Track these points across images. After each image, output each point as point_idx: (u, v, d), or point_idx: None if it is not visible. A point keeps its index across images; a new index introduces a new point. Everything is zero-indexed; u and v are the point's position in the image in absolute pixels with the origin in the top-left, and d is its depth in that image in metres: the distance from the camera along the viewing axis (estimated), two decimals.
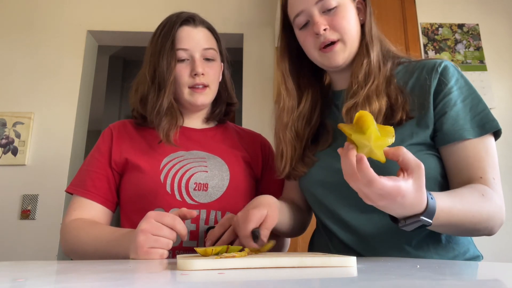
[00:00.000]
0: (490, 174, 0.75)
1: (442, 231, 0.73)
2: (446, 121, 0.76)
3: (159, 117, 0.93)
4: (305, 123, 0.92)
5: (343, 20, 0.83)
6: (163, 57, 0.93)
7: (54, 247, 2.22)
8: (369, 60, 0.83)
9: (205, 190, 0.91)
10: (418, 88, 0.81)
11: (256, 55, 2.63)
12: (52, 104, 2.45)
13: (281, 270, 0.46)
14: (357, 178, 0.57)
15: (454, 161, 0.77)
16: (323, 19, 0.83)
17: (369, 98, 0.80)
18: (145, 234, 0.69)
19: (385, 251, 0.79)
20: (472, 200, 0.70)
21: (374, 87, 0.81)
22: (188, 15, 0.99)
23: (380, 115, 0.79)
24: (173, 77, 0.93)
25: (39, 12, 2.61)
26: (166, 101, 0.93)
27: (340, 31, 0.83)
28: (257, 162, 1.03)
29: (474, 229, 0.71)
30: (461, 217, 0.67)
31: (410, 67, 0.86)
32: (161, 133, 0.93)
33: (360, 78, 0.83)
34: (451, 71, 0.81)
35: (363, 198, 0.60)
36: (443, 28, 2.52)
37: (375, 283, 0.36)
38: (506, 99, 2.42)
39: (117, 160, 0.93)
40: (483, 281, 0.42)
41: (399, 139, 0.78)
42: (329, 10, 0.83)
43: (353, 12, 0.85)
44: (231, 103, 1.09)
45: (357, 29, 0.86)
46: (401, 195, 0.57)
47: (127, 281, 0.40)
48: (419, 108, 0.79)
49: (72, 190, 0.93)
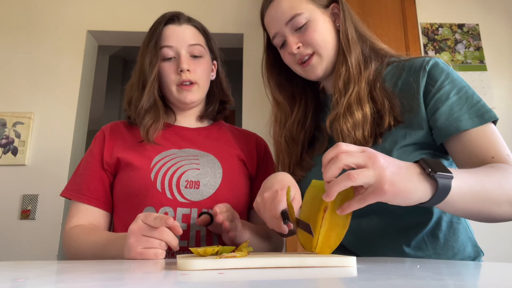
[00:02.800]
0: (503, 152, 0.70)
1: (467, 206, 0.62)
2: (439, 116, 0.75)
3: (140, 115, 0.94)
4: (300, 128, 0.93)
5: (314, 33, 0.84)
6: (147, 56, 0.94)
7: (54, 247, 2.22)
8: (347, 67, 0.83)
9: (197, 188, 0.90)
10: (407, 88, 0.80)
11: (256, 55, 2.61)
12: (52, 104, 2.45)
13: (281, 270, 0.46)
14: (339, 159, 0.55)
15: (461, 152, 0.74)
16: (296, 38, 0.85)
17: (350, 107, 0.80)
18: (135, 235, 0.68)
19: (384, 252, 0.79)
20: (481, 171, 0.65)
21: (354, 94, 0.81)
22: (172, 14, 0.99)
23: (366, 122, 0.79)
24: (155, 75, 0.93)
25: (39, 12, 2.61)
26: (147, 99, 0.93)
27: (313, 44, 0.85)
28: (252, 160, 1.03)
29: (498, 201, 0.63)
30: (476, 185, 0.61)
31: (399, 66, 0.85)
32: (141, 131, 0.93)
33: (340, 86, 0.83)
34: (440, 67, 0.80)
35: (361, 177, 0.54)
36: (443, 28, 2.52)
37: (375, 283, 0.36)
38: (506, 99, 2.42)
39: (108, 161, 0.93)
40: (483, 281, 0.42)
41: (392, 141, 0.78)
42: (300, 28, 0.85)
43: (325, 22, 0.86)
44: (225, 101, 1.09)
45: (331, 38, 0.86)
46: (375, 153, 0.56)
47: (126, 281, 0.40)
48: (410, 110, 0.78)
49: (68, 195, 0.93)
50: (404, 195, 0.55)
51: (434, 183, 0.56)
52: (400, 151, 0.76)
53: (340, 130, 0.80)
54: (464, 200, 0.61)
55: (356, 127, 0.79)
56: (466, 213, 0.65)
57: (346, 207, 0.57)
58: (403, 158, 0.76)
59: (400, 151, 0.76)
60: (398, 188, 0.54)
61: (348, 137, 0.79)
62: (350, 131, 0.79)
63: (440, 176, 0.56)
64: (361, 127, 0.79)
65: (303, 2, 0.85)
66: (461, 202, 0.61)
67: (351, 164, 0.55)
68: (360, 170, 0.54)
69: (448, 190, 0.57)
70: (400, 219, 0.78)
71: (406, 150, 0.76)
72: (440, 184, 0.56)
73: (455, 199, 0.59)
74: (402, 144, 0.76)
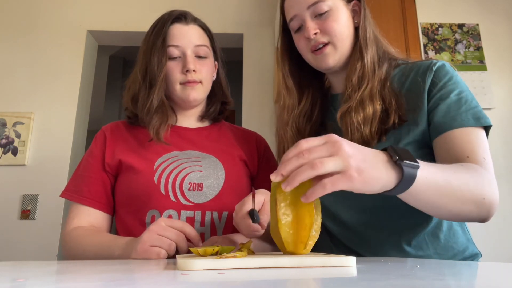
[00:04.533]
0: (480, 154, 0.71)
1: (430, 199, 0.61)
2: (437, 113, 0.76)
3: (149, 115, 0.93)
4: (306, 120, 0.93)
5: (334, 23, 0.84)
6: (154, 55, 0.93)
7: (54, 247, 2.22)
8: (363, 63, 0.84)
9: (200, 190, 0.90)
10: (413, 88, 0.82)
11: (256, 55, 2.63)
12: (52, 104, 2.45)
13: (281, 270, 0.46)
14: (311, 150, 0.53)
15: (442, 148, 0.75)
16: (314, 24, 0.85)
17: (362, 102, 0.81)
18: (150, 232, 0.70)
19: (385, 251, 0.79)
20: (450, 167, 0.65)
21: (368, 90, 0.81)
22: (180, 13, 0.98)
23: (375, 119, 0.79)
24: (164, 74, 0.93)
25: (39, 12, 2.61)
26: (156, 99, 0.92)
27: (330, 34, 0.84)
28: (252, 160, 1.03)
29: (462, 199, 0.63)
30: (441, 180, 0.60)
31: (407, 69, 0.86)
32: (151, 131, 0.92)
33: (354, 81, 0.83)
34: (446, 69, 0.81)
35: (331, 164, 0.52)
36: (443, 28, 2.52)
37: (375, 283, 0.36)
38: (506, 99, 2.42)
39: (110, 162, 0.92)
40: (483, 281, 0.42)
41: (396, 138, 0.78)
42: (321, 15, 0.85)
43: (346, 15, 0.86)
44: (226, 102, 1.09)
45: (349, 32, 0.86)
46: (339, 140, 0.53)
47: (127, 281, 0.40)
48: (415, 108, 0.79)
49: (68, 196, 0.92)
50: (372, 182, 0.53)
51: (400, 171, 0.55)
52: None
53: (350, 124, 0.81)
54: (428, 192, 0.59)
55: (365, 122, 0.79)
56: (428, 206, 0.63)
57: (310, 194, 0.52)
58: None
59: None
60: (366, 176, 0.52)
61: (357, 131, 0.80)
62: (360, 125, 0.79)
63: (406, 164, 0.54)
64: (369, 123, 0.79)
65: None
66: (425, 194, 0.59)
67: (316, 159, 0.52)
68: (325, 158, 0.51)
69: (413, 179, 0.56)
70: (401, 217, 0.78)
71: (409, 148, 0.77)
72: (406, 172, 0.54)
73: (419, 190, 0.58)
74: (406, 142, 0.77)
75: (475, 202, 0.64)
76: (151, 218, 0.87)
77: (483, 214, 0.66)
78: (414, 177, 0.56)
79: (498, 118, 2.25)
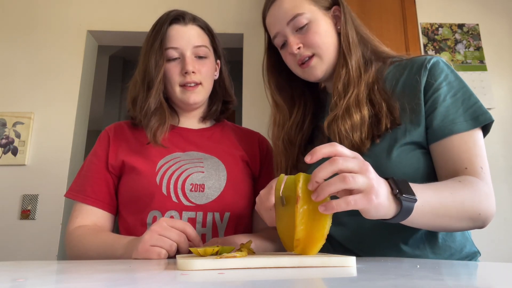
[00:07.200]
0: (477, 164, 0.72)
1: (426, 221, 0.65)
2: (435, 117, 0.76)
3: (147, 117, 0.93)
4: (298, 130, 0.94)
5: (315, 35, 0.84)
6: (152, 57, 0.92)
7: (54, 247, 2.22)
8: (347, 69, 0.84)
9: (202, 191, 0.90)
10: (408, 87, 0.81)
11: (256, 55, 2.63)
12: (52, 104, 2.45)
13: (281, 270, 0.46)
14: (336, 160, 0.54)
15: (440, 156, 0.76)
16: (296, 38, 0.85)
17: (348, 109, 0.80)
18: (151, 232, 0.70)
19: (382, 250, 0.79)
20: (447, 186, 0.67)
21: (353, 96, 0.81)
22: (178, 13, 0.97)
23: (364, 124, 0.79)
24: (161, 77, 0.92)
25: (39, 12, 2.61)
26: (154, 101, 0.92)
27: (313, 46, 0.85)
28: (255, 161, 1.03)
29: (458, 217, 0.66)
30: (437, 203, 0.63)
31: (401, 65, 0.86)
32: (148, 133, 0.92)
33: (339, 88, 0.84)
34: (440, 66, 0.80)
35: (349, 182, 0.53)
36: (443, 28, 2.52)
37: (375, 283, 0.36)
38: (506, 99, 2.42)
39: (113, 163, 0.92)
40: (483, 281, 0.42)
41: (392, 139, 0.78)
42: (301, 28, 0.85)
43: (327, 24, 0.86)
44: (228, 101, 1.08)
45: (332, 40, 0.86)
46: (366, 162, 0.56)
47: (127, 281, 0.40)
48: (411, 108, 0.78)
49: (72, 196, 0.92)
50: (380, 209, 0.56)
51: (399, 204, 0.58)
52: (400, 150, 0.76)
53: (338, 132, 0.80)
54: (424, 217, 0.63)
55: (354, 129, 0.79)
56: (425, 226, 0.67)
57: (331, 207, 0.54)
58: (403, 157, 0.76)
59: (400, 150, 0.76)
60: (379, 201, 0.55)
61: (346, 139, 0.79)
62: (348, 133, 0.79)
63: (405, 199, 0.58)
64: (358, 129, 0.79)
65: (305, 3, 0.86)
66: (422, 219, 0.63)
67: (346, 170, 0.55)
68: (355, 174, 0.54)
69: (410, 211, 0.59)
70: None
71: (406, 149, 0.77)
72: (404, 206, 0.58)
73: (415, 217, 0.61)
74: (403, 142, 0.77)
75: (471, 218, 0.68)
76: (152, 219, 0.87)
77: (478, 225, 0.70)
78: (412, 209, 0.59)
79: (498, 118, 2.24)
